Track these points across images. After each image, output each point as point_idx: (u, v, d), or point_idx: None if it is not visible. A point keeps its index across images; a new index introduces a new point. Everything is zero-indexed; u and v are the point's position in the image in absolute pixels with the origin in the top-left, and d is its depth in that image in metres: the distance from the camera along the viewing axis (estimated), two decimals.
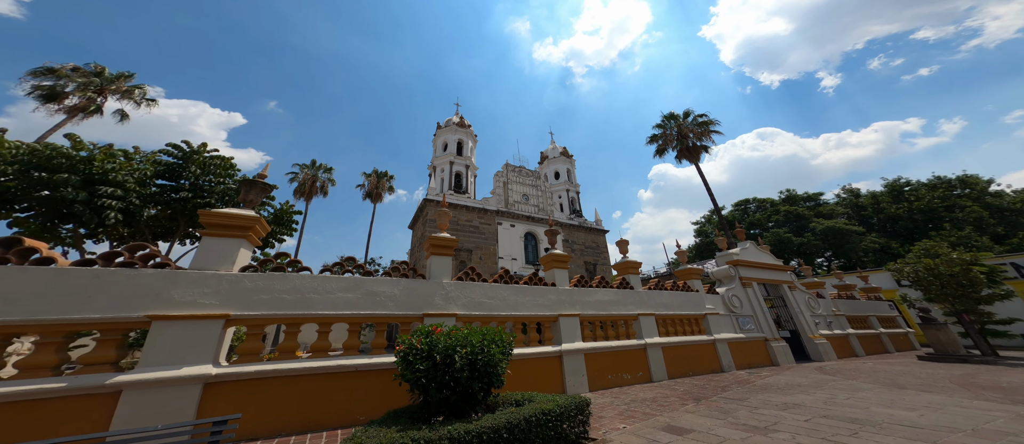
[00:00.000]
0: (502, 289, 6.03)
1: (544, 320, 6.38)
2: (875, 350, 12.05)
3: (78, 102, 13.51)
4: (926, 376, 6.69)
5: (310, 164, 28.05)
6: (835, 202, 46.07)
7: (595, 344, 6.61)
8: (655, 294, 8.32)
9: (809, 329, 10.74)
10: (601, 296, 7.37)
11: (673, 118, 21.57)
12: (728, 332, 9.10)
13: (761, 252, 11.78)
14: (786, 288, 11.39)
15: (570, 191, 34.72)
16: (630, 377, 6.81)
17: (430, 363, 2.78)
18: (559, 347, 6.08)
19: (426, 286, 5.12)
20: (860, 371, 7.62)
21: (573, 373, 6.03)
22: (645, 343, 7.26)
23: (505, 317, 5.85)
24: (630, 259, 8.60)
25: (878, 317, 13.42)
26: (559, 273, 7.14)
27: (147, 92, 15.56)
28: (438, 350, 2.81)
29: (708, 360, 8.22)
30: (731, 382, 6.63)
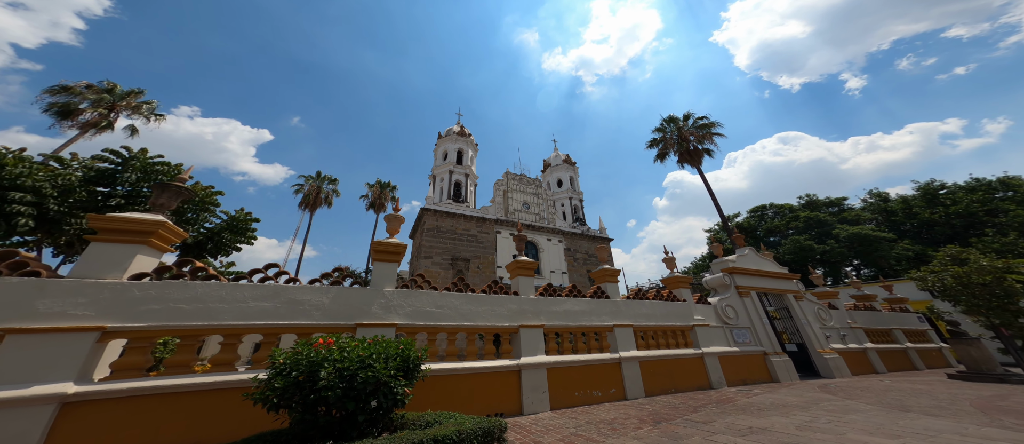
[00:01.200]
0: (454, 297, 5.63)
1: (503, 331, 5.90)
2: (900, 367, 10.79)
3: (90, 118, 14.29)
4: (945, 397, 5.76)
5: (315, 175, 28.78)
6: (861, 207, 43.28)
7: (561, 358, 6.07)
8: (634, 304, 7.70)
9: (817, 342, 9.72)
10: (571, 306, 6.84)
11: (673, 121, 20.86)
12: (720, 345, 8.31)
13: (762, 259, 10.90)
14: (791, 298, 10.43)
15: (573, 199, 34.11)
16: (600, 394, 6.20)
17: (287, 381, 2.42)
18: (517, 361, 5.58)
19: (362, 294, 4.78)
20: (870, 390, 6.69)
21: (533, 389, 5.50)
22: (620, 357, 6.64)
23: (456, 328, 5.43)
24: (608, 267, 8.04)
25: (904, 331, 12.10)
26: (524, 281, 6.70)
27: (155, 107, 16.38)
28: (300, 367, 2.45)
29: (694, 376, 7.47)
30: (710, 401, 5.92)
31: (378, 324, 4.55)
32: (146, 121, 16.36)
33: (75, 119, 13.95)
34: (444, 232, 23.76)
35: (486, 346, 5.62)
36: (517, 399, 5.38)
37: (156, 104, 16.30)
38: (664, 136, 20.94)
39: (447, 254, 22.98)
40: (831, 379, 8.86)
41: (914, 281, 10.74)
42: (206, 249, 9.31)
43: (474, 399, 4.96)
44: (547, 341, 6.40)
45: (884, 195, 43.12)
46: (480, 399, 5.02)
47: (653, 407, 5.57)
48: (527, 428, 4.46)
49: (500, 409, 5.17)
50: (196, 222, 9.25)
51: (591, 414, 5.19)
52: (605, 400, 6.18)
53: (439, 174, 28.36)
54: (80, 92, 13.99)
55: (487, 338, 5.67)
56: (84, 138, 14.18)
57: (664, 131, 21.01)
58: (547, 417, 5.07)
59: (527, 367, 5.59)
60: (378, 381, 2.49)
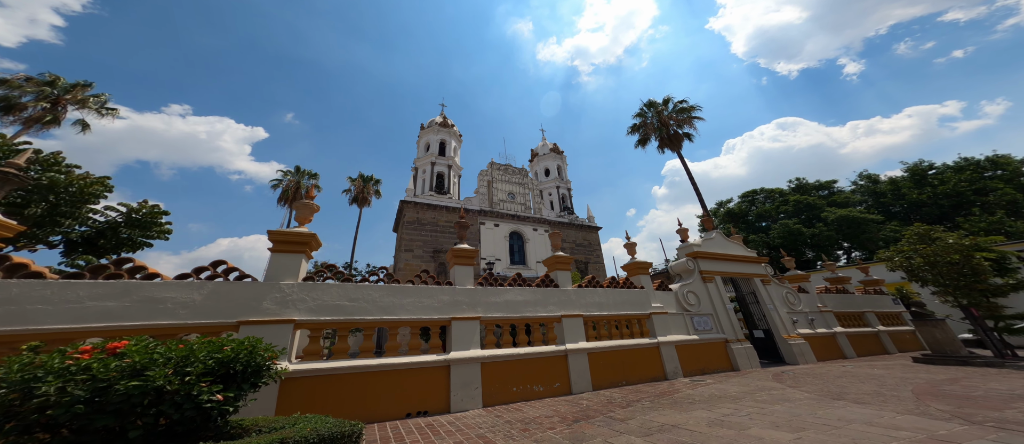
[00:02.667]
0: (373, 289, 5.23)
1: (433, 324, 5.55)
2: (870, 351, 10.61)
3: (34, 113, 13.59)
4: (893, 382, 5.50)
5: (294, 170, 28.08)
6: (851, 190, 43.10)
7: (498, 352, 5.73)
8: (585, 292, 7.36)
9: (783, 328, 9.48)
10: (514, 296, 6.48)
11: (652, 106, 20.30)
12: (678, 333, 8.03)
13: (730, 243, 10.58)
14: (758, 282, 10.15)
15: (561, 188, 33.63)
16: (542, 389, 5.90)
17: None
18: (446, 356, 5.25)
19: (249, 289, 4.33)
20: (822, 377, 6.43)
21: (463, 386, 5.18)
22: (566, 349, 6.32)
23: (375, 322, 5.06)
24: (561, 254, 7.67)
25: (878, 313, 11.90)
26: (461, 270, 6.31)
27: (106, 100, 15.61)
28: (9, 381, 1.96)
29: (648, 366, 7.20)
30: (653, 394, 5.63)
31: (269, 321, 4.15)
32: (98, 116, 15.63)
33: (18, 114, 13.24)
34: (425, 224, 23.32)
35: (412, 340, 5.26)
36: (445, 396, 5.05)
37: (107, 97, 15.52)
38: (644, 121, 20.42)
39: (428, 247, 22.59)
40: (794, 365, 8.64)
41: (883, 262, 10.47)
42: (98, 246, 8.66)
43: (391, 398, 4.63)
44: (486, 333, 6.08)
45: (874, 177, 42.93)
46: (399, 398, 4.69)
47: (589, 402, 5.27)
48: (436, 428, 4.14)
49: (424, 407, 4.86)
50: (74, 216, 8.41)
51: (521, 412, 4.88)
52: (547, 395, 5.89)
53: (421, 166, 27.74)
54: (19, 85, 13.24)
55: (414, 332, 5.31)
56: (29, 134, 13.49)
57: (644, 116, 20.47)
58: (473, 415, 4.76)
59: (458, 362, 5.26)
60: (159, 391, 2.10)
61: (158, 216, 9.25)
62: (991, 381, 5.27)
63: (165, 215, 9.44)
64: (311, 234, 5.00)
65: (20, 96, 13.34)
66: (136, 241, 8.88)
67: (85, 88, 15.07)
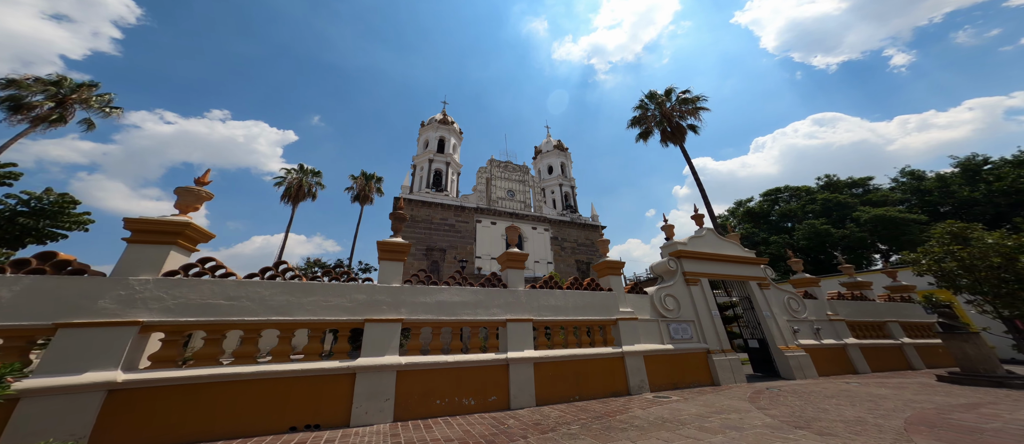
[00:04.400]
0: (260, 287, 4.60)
1: (342, 326, 5.00)
2: (891, 366, 9.19)
3: (41, 113, 14.28)
4: (891, 406, 4.44)
5: (298, 168, 28.61)
6: (890, 187, 39.35)
7: (421, 358, 5.10)
8: (539, 294, 6.61)
9: (781, 338, 8.32)
10: (449, 296, 5.84)
11: (654, 97, 19.00)
12: (650, 342, 7.13)
13: (723, 242, 9.46)
14: (754, 286, 9.00)
15: (564, 186, 32.55)
16: (474, 402, 5.20)
17: None
18: (352, 362, 4.67)
19: (78, 284, 3.73)
20: (810, 396, 5.36)
21: (370, 397, 4.58)
22: (508, 358, 5.60)
23: (259, 324, 4.44)
24: (514, 251, 6.96)
25: (903, 324, 10.38)
26: (389, 266, 5.73)
27: (111, 100, 16.28)
28: None
29: (609, 379, 6.36)
30: (600, 414, 4.85)
31: (101, 323, 3.60)
32: (105, 115, 16.32)
33: (26, 114, 13.97)
34: (419, 222, 23.07)
35: (310, 344, 4.73)
36: (345, 408, 4.47)
37: (111, 97, 16.19)
38: (645, 114, 19.16)
39: (422, 244, 22.32)
40: (789, 380, 7.52)
41: (909, 265, 9.04)
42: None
43: (271, 410, 4.09)
44: (411, 338, 5.48)
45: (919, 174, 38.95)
46: (283, 410, 4.15)
47: (516, 422, 4.57)
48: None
49: (316, 420, 4.30)
50: None
51: (431, 430, 4.22)
52: (478, 409, 5.19)
53: (419, 163, 27.56)
54: (28, 85, 13.96)
55: (316, 336, 4.77)
56: (36, 132, 14.23)
57: (645, 109, 19.21)
58: (371, 432, 4.17)
59: (366, 370, 4.67)
60: None
61: (69, 205, 9.16)
62: (1022, 409, 4.13)
63: (75, 204, 9.36)
64: (184, 222, 4.41)
65: (28, 96, 14.07)
66: (44, 231, 8.81)
67: (91, 88, 15.77)
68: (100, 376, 3.36)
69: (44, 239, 8.79)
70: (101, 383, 3.34)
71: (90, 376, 3.34)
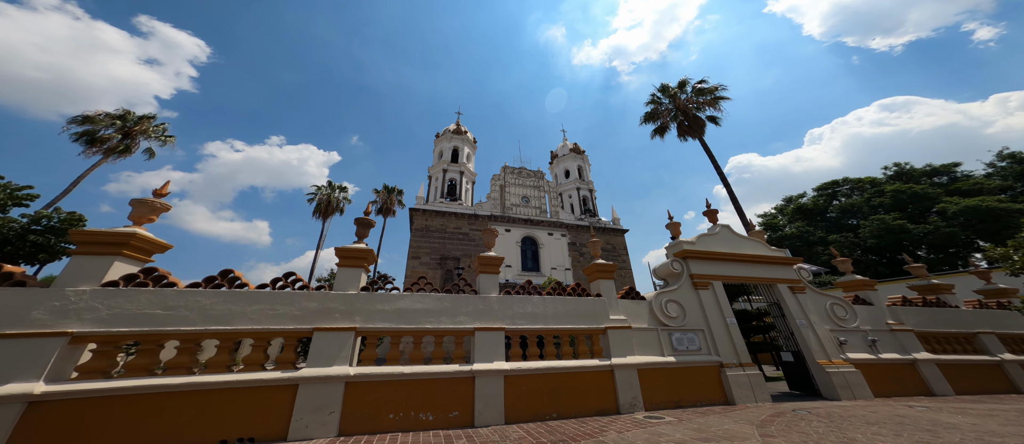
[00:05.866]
0: (201, 295, 4.47)
1: (288, 336, 4.73)
2: (985, 387, 7.23)
3: (112, 145, 16.55)
4: (953, 441, 3.24)
5: (327, 185, 30.51)
6: (986, 174, 33.12)
7: (374, 369, 4.74)
8: (514, 300, 6.03)
9: (821, 351, 6.89)
10: (410, 303, 5.46)
11: (666, 90, 17.60)
12: (647, 354, 6.20)
13: (743, 240, 8.21)
14: (784, 290, 7.62)
15: (582, 190, 31.33)
16: (432, 418, 4.72)
17: None
18: (295, 373, 4.39)
19: (17, 296, 3.72)
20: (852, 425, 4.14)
21: (314, 409, 4.30)
22: (474, 370, 5.08)
23: (198, 333, 4.28)
24: (488, 254, 6.49)
25: (1002, 336, 8.22)
26: (347, 273, 5.48)
27: (166, 130, 18.53)
28: None
29: (595, 395, 5.56)
30: (564, 437, 4.15)
31: (31, 334, 3.58)
32: (161, 144, 18.58)
33: (99, 146, 16.26)
34: (433, 231, 23.30)
35: (252, 354, 4.53)
36: (284, 420, 4.20)
37: (166, 127, 18.46)
38: (657, 109, 17.77)
39: (436, 254, 22.45)
40: (832, 400, 6.12)
41: (993, 260, 7.16)
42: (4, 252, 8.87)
43: (203, 422, 3.91)
44: (366, 348, 5.18)
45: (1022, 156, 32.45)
46: (215, 422, 3.95)
47: (473, 443, 4.04)
48: None
49: (251, 433, 4.06)
50: None
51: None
52: (436, 426, 4.70)
53: (434, 173, 28.08)
54: (99, 120, 16.29)
55: (259, 345, 4.60)
56: (108, 162, 16.49)
57: (657, 103, 17.83)
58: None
59: (310, 380, 4.39)
60: None
61: (77, 222, 10.12)
62: None
63: (83, 221, 10.28)
64: (129, 233, 4.38)
65: (100, 129, 16.40)
66: (56, 248, 9.75)
67: (150, 120, 18.10)
68: (19, 388, 3.38)
69: (58, 255, 9.88)
70: (19, 395, 3.36)
71: (8, 388, 3.36)
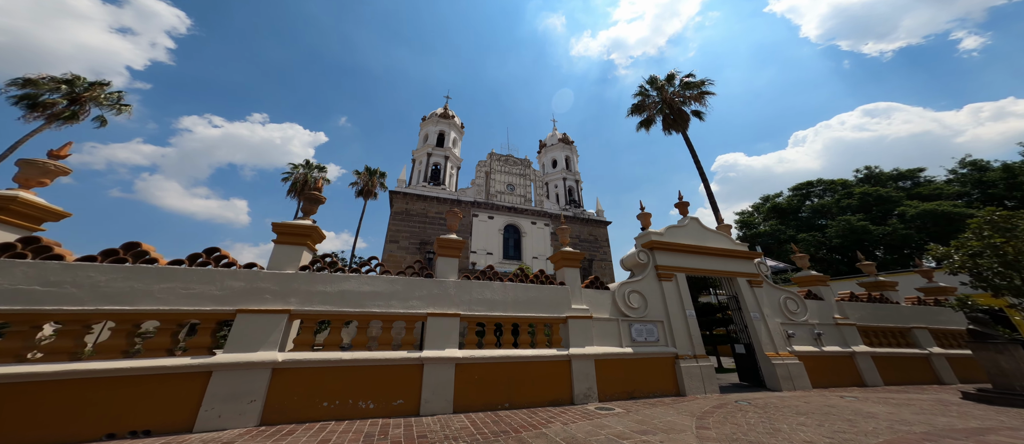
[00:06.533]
0: (95, 270, 4.01)
1: (205, 318, 4.36)
2: (912, 379, 7.75)
3: (57, 110, 15.24)
4: (867, 429, 3.42)
5: (304, 163, 29.37)
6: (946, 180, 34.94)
7: (306, 355, 4.46)
8: (472, 286, 5.95)
9: (770, 343, 7.18)
10: (356, 285, 5.21)
11: (654, 83, 17.59)
12: (606, 345, 6.29)
13: (709, 233, 8.36)
14: (743, 283, 7.86)
15: (568, 180, 31.37)
16: (373, 406, 4.56)
17: None
18: (208, 359, 4.03)
19: None
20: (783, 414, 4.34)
21: (229, 398, 3.96)
22: (423, 357, 4.96)
23: (88, 314, 3.87)
24: (449, 237, 6.34)
25: (934, 331, 8.80)
26: (285, 251, 5.12)
27: (121, 98, 17.18)
28: None
29: (550, 385, 5.60)
30: (487, 431, 4.16)
31: None
32: (116, 113, 17.25)
33: (42, 111, 14.94)
34: (414, 216, 22.92)
35: (157, 338, 4.11)
36: (192, 410, 3.86)
37: (121, 94, 17.11)
38: (644, 101, 17.77)
39: (415, 238, 22.16)
40: (774, 391, 6.42)
41: (935, 259, 7.57)
42: None
43: (91, 414, 3.53)
44: (301, 331, 4.97)
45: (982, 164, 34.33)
46: (103, 414, 3.56)
47: (409, 431, 3.98)
48: None
49: (152, 425, 3.69)
50: None
51: (298, 441, 3.60)
52: (376, 414, 4.55)
53: (418, 156, 27.40)
54: (43, 84, 14.93)
55: (166, 329, 4.17)
56: (51, 128, 15.21)
57: (645, 95, 17.82)
58: (213, 438, 3.56)
59: (227, 367, 4.05)
60: None
61: None
62: None
63: None
64: (8, 196, 3.91)
65: (44, 94, 15.05)
66: None
67: (102, 87, 16.71)
68: None
69: None
70: None
71: None
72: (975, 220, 6.88)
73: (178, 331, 4.32)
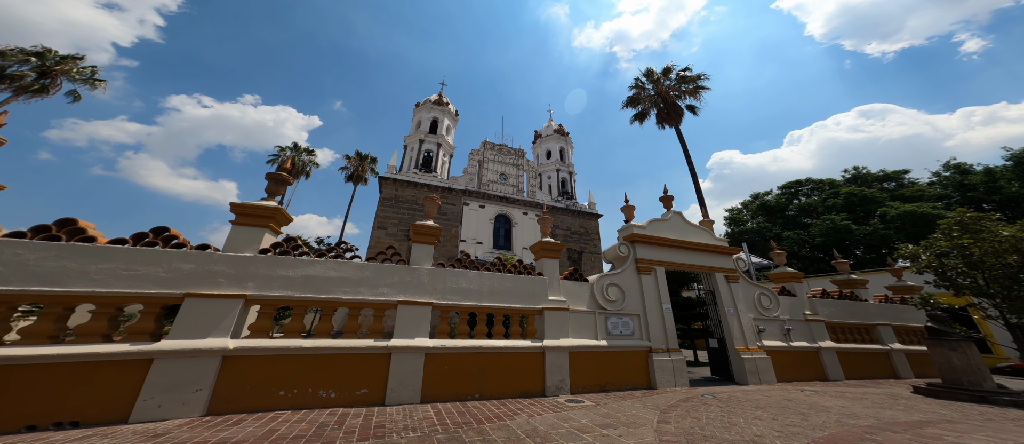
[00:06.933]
0: (24, 248, 3.77)
1: (150, 301, 4.16)
2: (872, 373, 8.05)
3: (25, 82, 14.51)
4: (817, 422, 3.54)
5: (292, 146, 28.72)
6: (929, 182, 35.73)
7: (262, 343, 4.32)
8: (446, 274, 5.92)
9: (742, 338, 7.35)
10: (322, 271, 5.08)
11: (651, 76, 17.44)
12: (581, 337, 6.36)
13: (691, 227, 8.42)
14: (720, 278, 7.98)
15: (562, 171, 31.31)
16: (335, 395, 4.50)
17: None
18: (150, 346, 3.86)
19: None
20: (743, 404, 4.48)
21: (171, 387, 3.80)
22: (391, 346, 4.91)
23: (21, 295, 3.67)
24: (425, 223, 6.28)
25: (897, 328, 9.11)
26: (243, 233, 4.93)
27: (95, 72, 16.42)
28: None
29: (522, 377, 5.64)
30: (448, 422, 4.20)
31: None
32: (91, 88, 16.51)
33: (10, 83, 14.22)
34: (403, 202, 22.69)
35: (93, 322, 3.92)
36: (128, 400, 3.71)
37: (95, 69, 16.34)
38: (640, 94, 17.65)
39: (404, 225, 21.98)
40: (742, 385, 6.61)
41: (903, 259, 7.77)
42: None
43: (19, 403, 3.38)
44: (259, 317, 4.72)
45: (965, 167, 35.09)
46: (25, 404, 3.40)
47: (365, 422, 3.98)
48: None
49: (82, 415, 3.52)
50: None
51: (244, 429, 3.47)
52: (336, 404, 4.50)
53: (410, 143, 27.00)
54: (12, 56, 14.16)
55: (103, 313, 3.99)
56: (19, 101, 14.51)
57: (640, 88, 17.69)
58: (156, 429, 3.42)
59: (171, 355, 3.89)
60: None
61: None
62: (982, 432, 3.16)
63: None
64: None
65: (12, 66, 14.29)
66: None
67: (75, 60, 15.92)
68: None
69: None
70: None
71: None
72: (945, 221, 7.05)
73: (117, 315, 4.13)
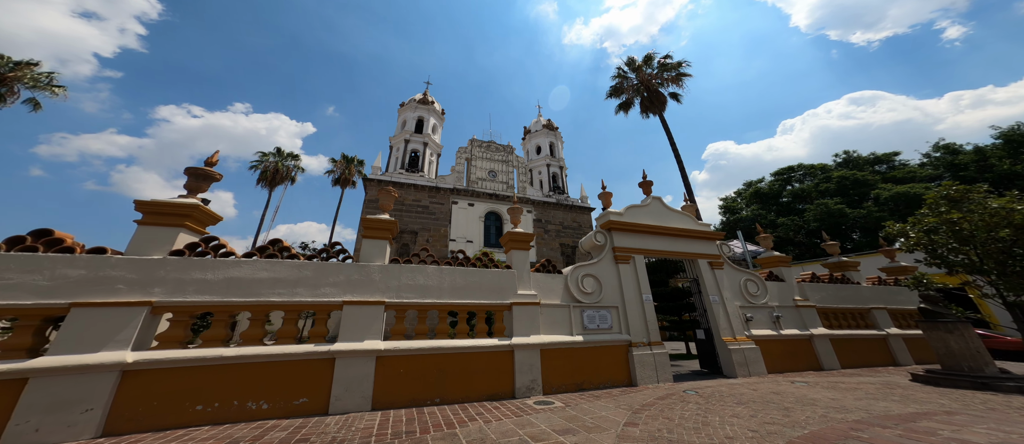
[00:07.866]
0: None
1: (27, 313, 3.60)
2: (868, 361, 7.67)
3: None
4: (801, 418, 3.11)
5: (275, 152, 28.03)
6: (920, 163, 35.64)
7: (169, 354, 3.85)
8: (401, 270, 5.42)
9: (728, 328, 6.93)
10: (250, 272, 4.55)
11: (632, 64, 17.02)
12: (554, 333, 5.90)
13: (671, 213, 8.00)
14: (704, 265, 7.56)
15: (552, 166, 30.81)
16: (266, 407, 4.02)
17: None
18: (23, 363, 3.35)
19: None
20: (725, 400, 4.06)
21: (54, 408, 3.31)
22: (334, 350, 4.43)
23: None
24: (380, 217, 5.79)
25: (892, 311, 8.75)
26: (151, 234, 4.41)
27: (53, 79, 15.70)
28: None
29: (489, 378, 5.17)
30: (384, 434, 3.73)
31: None
32: (51, 95, 15.79)
33: None
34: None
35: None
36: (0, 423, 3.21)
37: (53, 76, 15.60)
38: (622, 84, 17.22)
39: None
40: (731, 379, 6.19)
41: (894, 238, 7.39)
42: None
43: None
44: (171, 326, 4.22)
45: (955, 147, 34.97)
46: None
47: (287, 437, 3.49)
48: None
49: None
50: None
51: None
52: (273, 415, 4.02)
53: (395, 143, 26.41)
54: None
55: None
56: None
57: (623, 77, 17.26)
58: None
59: (48, 373, 3.40)
60: None
61: None
62: (983, 424, 2.75)
63: None
64: None
65: None
66: None
67: (31, 67, 15.20)
68: None
69: None
70: None
71: None
72: (931, 195, 6.67)
73: None
